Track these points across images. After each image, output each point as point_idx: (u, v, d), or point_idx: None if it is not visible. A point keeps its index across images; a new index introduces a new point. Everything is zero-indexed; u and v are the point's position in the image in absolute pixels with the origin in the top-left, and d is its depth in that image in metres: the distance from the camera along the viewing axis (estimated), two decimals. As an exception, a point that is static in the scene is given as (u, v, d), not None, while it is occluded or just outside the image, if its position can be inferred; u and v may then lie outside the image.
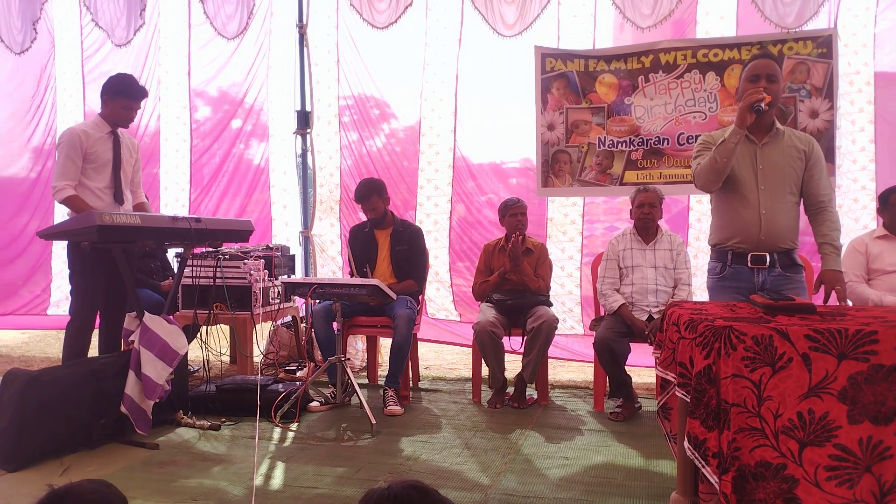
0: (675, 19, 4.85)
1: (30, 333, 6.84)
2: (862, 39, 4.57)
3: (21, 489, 2.80)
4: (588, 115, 4.85)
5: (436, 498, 1.30)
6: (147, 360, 3.42)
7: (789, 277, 2.98)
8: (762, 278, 2.96)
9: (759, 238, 2.94)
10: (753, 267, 2.96)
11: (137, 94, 3.89)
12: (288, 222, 5.90)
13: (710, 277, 3.13)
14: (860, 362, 1.75)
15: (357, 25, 5.45)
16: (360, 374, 5.10)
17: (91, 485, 1.38)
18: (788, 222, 2.98)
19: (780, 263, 2.97)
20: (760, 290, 2.85)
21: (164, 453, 3.29)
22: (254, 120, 5.83)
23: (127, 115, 3.86)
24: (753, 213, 2.95)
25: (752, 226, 2.95)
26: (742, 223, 2.97)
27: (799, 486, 1.74)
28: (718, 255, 3.09)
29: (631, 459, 3.23)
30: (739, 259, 2.99)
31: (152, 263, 4.94)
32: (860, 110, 4.58)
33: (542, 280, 4.39)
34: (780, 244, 2.96)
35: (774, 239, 2.95)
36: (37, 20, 6.07)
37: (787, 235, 2.97)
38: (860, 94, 4.58)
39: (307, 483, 2.89)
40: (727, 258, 3.02)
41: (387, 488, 1.29)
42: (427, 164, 5.42)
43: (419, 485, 1.30)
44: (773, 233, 2.94)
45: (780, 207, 2.95)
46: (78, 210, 3.70)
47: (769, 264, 2.95)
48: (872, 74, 4.55)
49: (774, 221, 2.94)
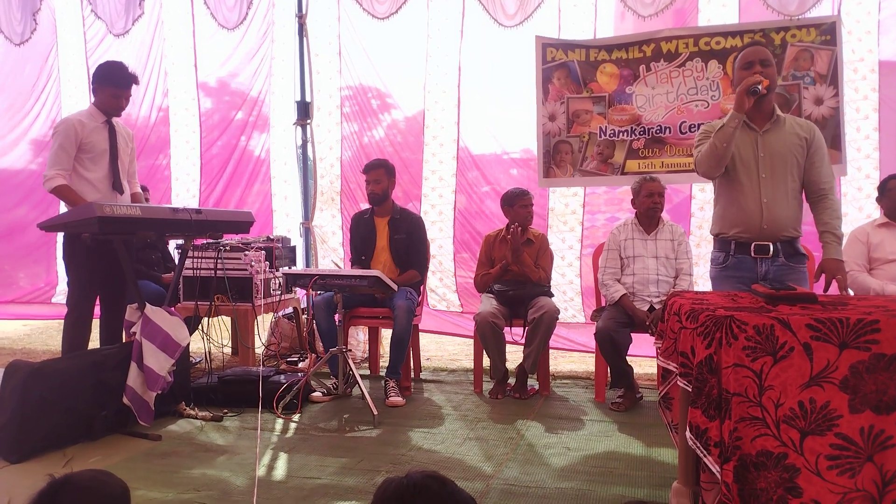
0: (676, 8, 4.82)
1: (32, 325, 6.86)
2: (866, 26, 4.53)
3: (23, 481, 2.81)
4: (589, 104, 4.83)
5: (453, 489, 1.32)
6: (149, 351, 3.43)
7: (792, 267, 2.96)
8: (765, 268, 2.95)
9: (762, 227, 2.93)
10: (756, 256, 2.95)
11: (125, 82, 3.81)
12: (289, 213, 5.90)
13: (713, 267, 3.12)
14: (862, 351, 1.74)
15: (358, 15, 5.44)
16: (361, 365, 5.11)
17: (89, 473, 1.39)
18: (790, 210, 2.96)
19: (784, 253, 2.95)
20: (763, 280, 2.84)
21: (166, 444, 3.30)
22: (256, 111, 5.82)
23: (116, 103, 3.81)
24: (755, 201, 2.93)
25: (753, 215, 2.94)
26: (743, 212, 2.96)
27: (800, 476, 1.73)
28: (721, 244, 3.07)
29: (632, 449, 3.24)
30: (742, 249, 2.97)
31: (153, 255, 4.94)
32: (864, 98, 4.55)
33: (543, 271, 4.39)
34: (783, 233, 2.94)
35: (776, 228, 2.93)
36: (37, 11, 6.05)
37: (788, 224, 2.95)
38: (864, 82, 4.55)
39: (309, 474, 2.90)
40: (730, 248, 3.01)
41: (405, 477, 1.31)
42: (431, 156, 5.42)
43: (437, 475, 1.33)
44: (775, 221, 2.92)
45: (781, 196, 2.93)
46: (67, 200, 3.68)
47: (772, 254, 2.93)
48: (877, 62, 4.52)
49: (776, 210, 2.92)
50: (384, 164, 4.57)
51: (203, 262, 4.28)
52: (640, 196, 4.12)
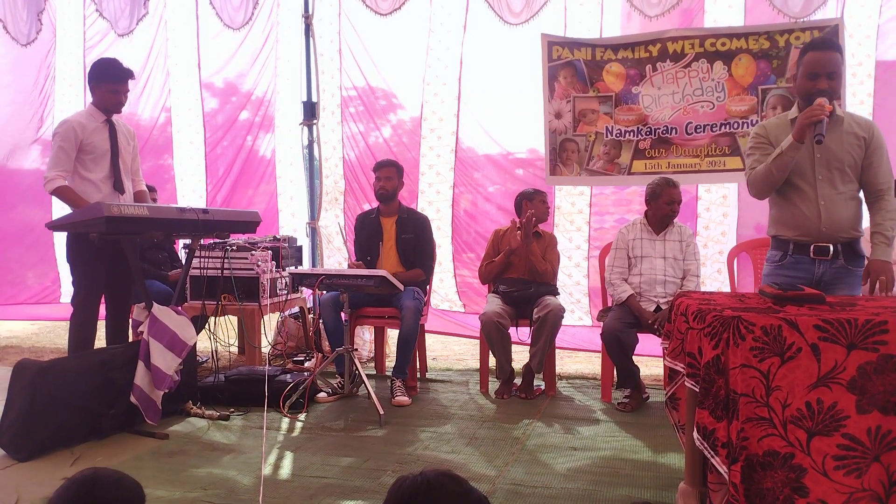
0: (682, 8, 4.81)
1: (40, 325, 6.89)
2: (866, 30, 4.53)
3: (32, 478, 2.83)
4: (595, 104, 4.82)
5: (468, 487, 1.33)
6: (156, 350, 3.44)
7: (850, 270, 2.88)
8: (822, 269, 2.87)
9: (820, 229, 2.84)
10: (815, 258, 2.87)
11: (121, 76, 3.80)
12: (294, 213, 5.91)
13: (768, 265, 3.02)
14: (869, 352, 1.74)
15: (359, 12, 5.40)
16: (367, 364, 5.12)
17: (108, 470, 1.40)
18: (849, 211, 2.87)
19: (844, 255, 2.87)
20: (818, 283, 2.78)
21: (173, 443, 3.31)
22: (262, 111, 5.83)
23: (116, 98, 3.79)
24: (812, 204, 2.85)
25: (811, 218, 2.85)
26: (801, 216, 2.88)
27: (807, 476, 1.73)
28: (779, 244, 2.97)
29: (639, 450, 3.24)
30: (801, 249, 2.89)
31: (160, 254, 4.96)
32: (861, 102, 4.56)
33: (550, 265, 4.37)
34: (842, 234, 2.86)
35: (836, 229, 2.84)
36: (41, 11, 6.04)
37: (848, 225, 2.87)
38: (861, 87, 4.55)
39: (315, 473, 2.91)
40: (788, 247, 2.92)
41: (420, 475, 1.32)
42: (429, 150, 5.36)
43: (452, 474, 1.34)
44: (834, 223, 2.84)
45: (838, 197, 2.85)
46: (69, 201, 3.68)
47: (832, 255, 2.85)
48: (874, 67, 4.52)
49: (834, 212, 2.84)
50: (395, 163, 4.60)
51: (210, 261, 4.29)
52: (658, 200, 4.04)
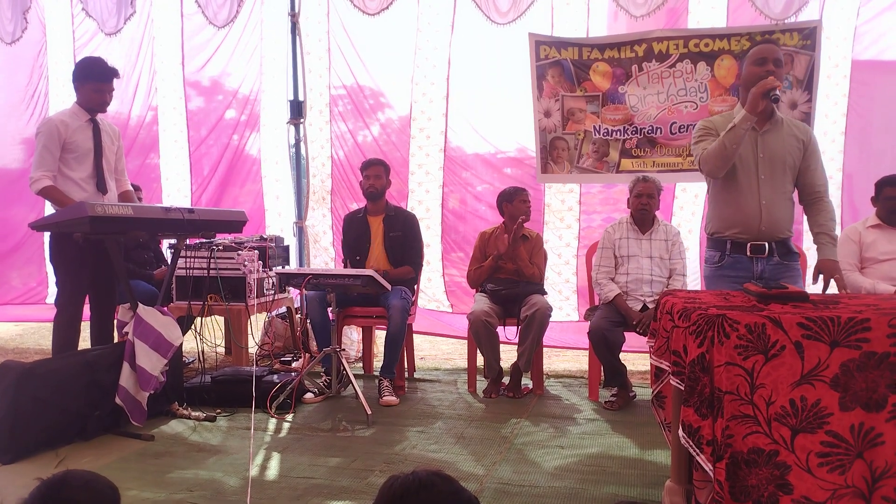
0: (668, 7, 4.83)
1: (24, 326, 6.82)
2: (843, 32, 4.59)
3: (16, 481, 2.79)
4: (583, 103, 4.83)
5: (457, 487, 1.35)
6: (142, 351, 3.42)
7: (786, 265, 2.99)
8: (760, 267, 2.97)
9: (760, 228, 2.94)
10: (752, 256, 2.97)
11: (105, 75, 3.76)
12: (281, 213, 5.88)
13: (708, 266, 3.12)
14: (852, 350, 1.76)
15: (348, 11, 5.38)
16: (355, 364, 5.10)
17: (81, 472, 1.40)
18: (786, 212, 2.99)
19: (778, 252, 2.98)
20: (758, 279, 2.85)
21: (159, 444, 3.29)
22: (248, 110, 5.79)
23: (100, 98, 3.76)
24: (753, 203, 2.94)
25: (752, 216, 2.95)
26: (742, 213, 2.97)
27: (791, 473, 1.75)
28: (716, 244, 3.07)
29: (625, 448, 3.25)
30: (738, 248, 2.98)
31: (146, 254, 4.92)
32: (835, 104, 4.64)
33: (537, 268, 4.39)
34: (779, 234, 2.97)
35: (774, 229, 2.95)
36: (27, 9, 5.99)
37: (784, 225, 2.99)
38: (836, 88, 4.63)
39: (303, 473, 2.90)
40: (726, 247, 3.02)
41: (411, 474, 1.33)
42: (418, 149, 5.36)
43: (442, 473, 1.37)
44: (773, 222, 2.95)
45: (778, 197, 2.95)
46: (55, 201, 3.65)
47: (767, 253, 2.96)
48: (850, 67, 4.58)
49: (774, 211, 2.94)
50: (383, 162, 4.60)
51: (196, 261, 4.26)
52: (631, 195, 4.14)
